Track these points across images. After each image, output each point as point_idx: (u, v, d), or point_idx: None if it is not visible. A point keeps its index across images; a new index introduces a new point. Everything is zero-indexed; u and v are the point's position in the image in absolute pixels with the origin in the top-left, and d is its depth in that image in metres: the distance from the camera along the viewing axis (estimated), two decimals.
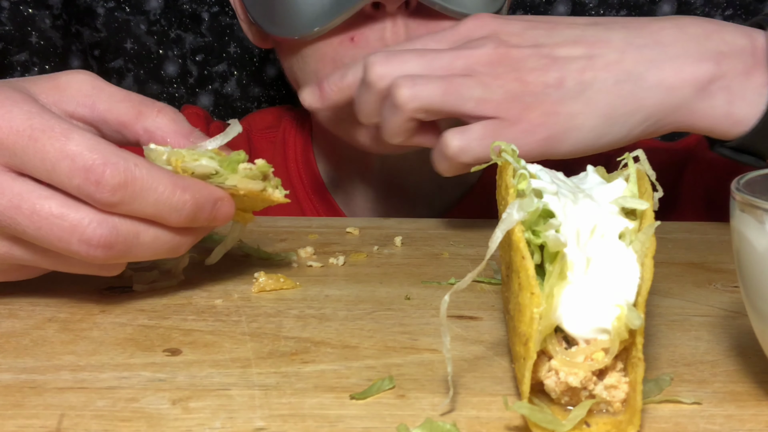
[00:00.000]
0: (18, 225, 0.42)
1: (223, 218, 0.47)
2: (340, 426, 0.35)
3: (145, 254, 0.45)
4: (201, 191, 0.45)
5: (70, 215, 0.42)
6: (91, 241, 0.42)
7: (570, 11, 1.09)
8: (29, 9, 1.08)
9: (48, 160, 0.42)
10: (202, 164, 0.46)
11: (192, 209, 0.45)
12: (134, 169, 0.42)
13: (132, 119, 0.49)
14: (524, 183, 0.39)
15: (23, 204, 0.42)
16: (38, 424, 0.35)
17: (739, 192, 0.35)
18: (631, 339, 0.35)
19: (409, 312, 0.48)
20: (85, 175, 0.41)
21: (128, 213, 0.43)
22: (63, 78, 0.49)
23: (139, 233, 0.44)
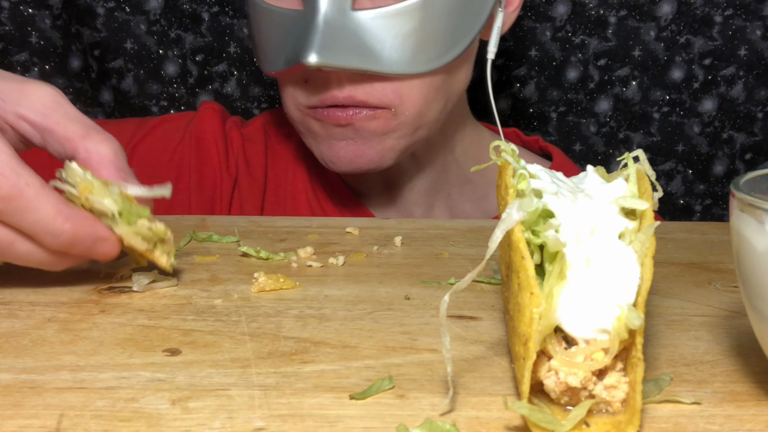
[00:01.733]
0: None
1: (103, 256, 0.49)
2: (340, 426, 0.35)
3: (18, 262, 0.48)
4: (84, 226, 0.47)
5: None
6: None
7: (570, 11, 1.09)
8: (29, 9, 1.08)
9: None
10: (102, 203, 0.48)
11: (69, 239, 0.47)
12: (24, 187, 0.45)
13: (77, 137, 0.50)
14: (524, 183, 0.39)
15: None
16: (38, 424, 0.35)
17: (738, 192, 0.35)
18: (630, 339, 0.35)
19: (408, 312, 0.48)
20: None
21: (8, 223, 0.46)
22: (30, 85, 0.51)
23: (15, 242, 0.47)
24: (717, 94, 1.10)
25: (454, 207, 0.89)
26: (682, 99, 1.11)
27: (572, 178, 0.43)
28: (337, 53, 0.69)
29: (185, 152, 0.88)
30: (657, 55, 1.09)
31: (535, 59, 1.11)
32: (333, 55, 0.69)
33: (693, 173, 1.14)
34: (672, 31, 1.09)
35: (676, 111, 1.11)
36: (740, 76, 1.09)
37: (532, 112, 1.13)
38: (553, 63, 1.11)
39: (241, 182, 0.89)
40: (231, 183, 0.88)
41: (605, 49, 1.10)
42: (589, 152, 1.13)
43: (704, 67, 1.10)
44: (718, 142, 1.12)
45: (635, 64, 1.10)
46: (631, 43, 1.09)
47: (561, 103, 1.12)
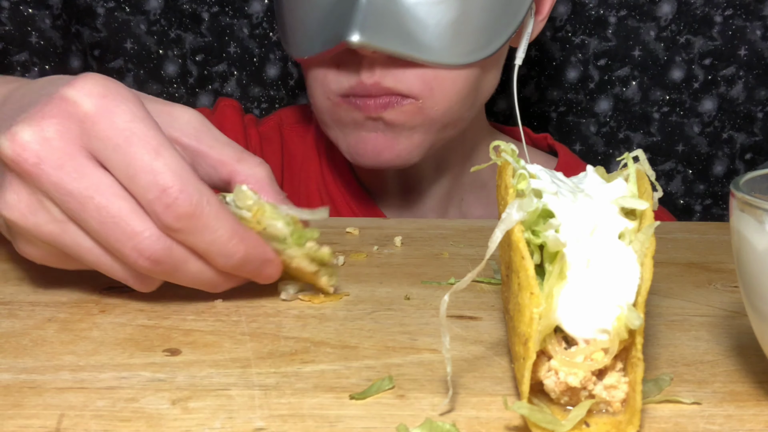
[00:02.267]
0: (84, 213, 0.43)
1: (266, 278, 0.48)
2: (340, 426, 0.35)
3: (186, 281, 0.46)
4: (255, 248, 0.46)
5: (134, 222, 0.43)
6: (144, 252, 0.43)
7: (570, 11, 1.09)
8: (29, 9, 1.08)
9: (132, 167, 0.42)
10: (276, 226, 0.47)
11: (241, 260, 0.46)
12: (204, 206, 0.43)
13: (232, 161, 0.50)
14: (524, 183, 0.39)
15: (97, 196, 0.43)
16: (38, 424, 0.35)
17: (738, 192, 0.35)
18: (630, 339, 0.35)
19: (408, 312, 0.48)
20: (159, 194, 0.42)
21: (184, 242, 0.44)
22: (178, 108, 0.50)
23: (188, 261, 0.45)
24: (717, 94, 1.10)
25: (467, 212, 0.89)
26: (682, 99, 1.11)
27: (572, 178, 0.43)
28: (379, 35, 0.68)
29: None
30: (657, 55, 1.09)
31: (535, 59, 1.11)
32: (375, 36, 0.68)
33: (693, 173, 1.14)
34: (672, 31, 1.09)
35: (676, 111, 1.11)
36: (740, 76, 1.09)
37: (532, 112, 1.13)
38: (553, 63, 1.11)
39: None
40: None
41: (605, 49, 1.10)
42: (589, 152, 1.13)
43: (704, 67, 1.10)
44: (718, 142, 1.12)
45: (635, 64, 1.10)
46: (631, 43, 1.09)
47: (561, 103, 1.12)
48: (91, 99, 0.43)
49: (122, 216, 0.43)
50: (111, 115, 0.43)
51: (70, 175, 0.42)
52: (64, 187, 0.43)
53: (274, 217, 0.47)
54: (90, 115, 0.43)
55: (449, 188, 0.88)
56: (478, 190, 0.89)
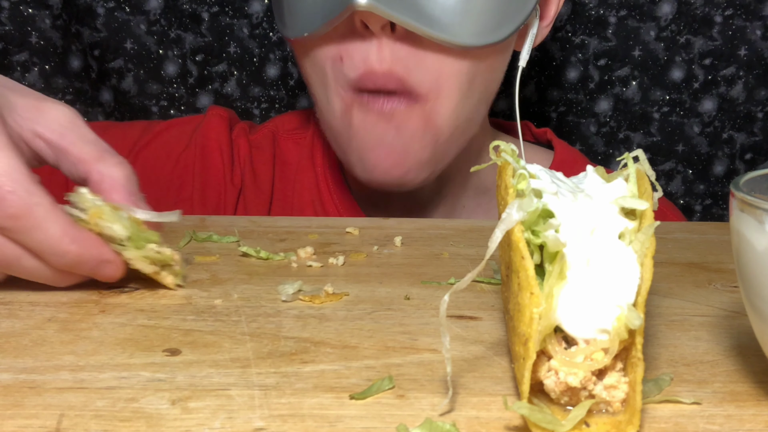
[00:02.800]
0: None
1: (106, 278, 0.50)
2: (340, 426, 0.35)
3: (24, 276, 0.48)
4: (89, 248, 0.48)
5: None
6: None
7: (570, 11, 1.09)
8: (29, 9, 1.08)
9: None
10: (111, 228, 0.49)
11: (73, 260, 0.47)
12: (34, 207, 0.45)
13: (91, 159, 0.51)
14: (524, 183, 0.39)
15: None
16: (38, 424, 0.35)
17: (738, 192, 0.35)
18: (630, 339, 0.35)
19: (408, 312, 0.48)
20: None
21: (15, 240, 0.46)
22: (48, 103, 0.51)
23: (21, 258, 0.47)
24: (717, 94, 1.10)
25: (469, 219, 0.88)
26: (682, 99, 1.11)
27: (572, 178, 0.43)
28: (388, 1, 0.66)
29: (189, 160, 0.87)
30: (657, 55, 1.09)
31: (535, 59, 1.11)
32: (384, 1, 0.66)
33: (693, 173, 1.14)
34: (672, 31, 1.09)
35: (676, 111, 1.11)
36: (740, 76, 1.09)
37: (532, 112, 1.13)
38: (553, 63, 1.11)
39: (247, 192, 0.87)
40: (235, 194, 0.87)
41: (605, 49, 1.10)
42: (589, 152, 1.13)
43: (704, 67, 1.10)
44: (718, 142, 1.12)
45: (635, 64, 1.10)
46: (631, 43, 1.09)
47: (561, 103, 1.12)
48: None
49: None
50: None
51: None
52: None
53: (111, 219, 0.49)
54: None
55: (453, 199, 0.87)
56: (480, 196, 0.88)
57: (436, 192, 0.86)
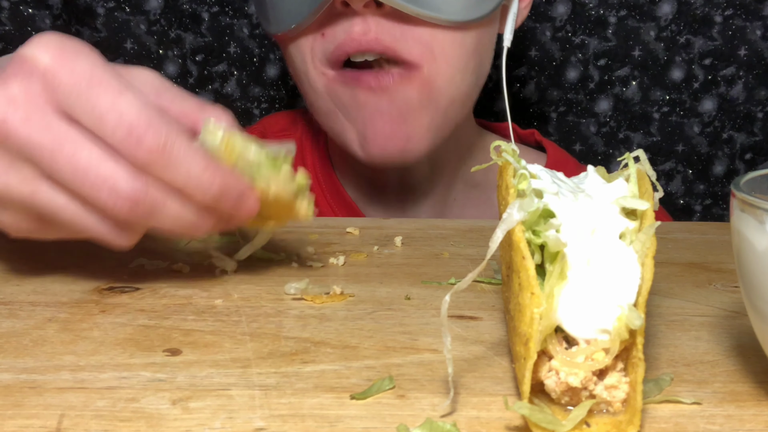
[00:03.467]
0: (56, 164, 0.43)
1: (245, 211, 0.48)
2: (340, 426, 0.35)
3: (166, 223, 0.46)
4: (230, 179, 0.46)
5: (107, 165, 0.43)
6: (121, 192, 0.43)
7: (570, 11, 1.09)
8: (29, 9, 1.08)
9: (98, 110, 0.43)
10: (250, 151, 0.47)
11: (218, 192, 0.46)
12: (174, 139, 0.43)
13: (194, 110, 0.50)
14: (525, 183, 0.39)
15: (66, 146, 0.43)
16: (38, 424, 0.35)
17: (739, 192, 0.35)
18: (631, 339, 0.35)
19: (409, 312, 0.48)
20: (128, 131, 0.43)
21: (161, 177, 0.44)
22: (135, 69, 0.50)
23: (166, 200, 0.45)
24: (717, 94, 1.10)
25: (461, 214, 0.89)
26: (682, 99, 1.11)
27: (573, 178, 0.43)
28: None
29: None
30: (657, 55, 1.09)
31: (535, 59, 1.11)
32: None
33: (693, 173, 1.14)
34: (672, 31, 1.09)
35: (676, 111, 1.11)
36: (740, 76, 1.09)
37: (532, 112, 1.13)
38: (553, 63, 1.11)
39: None
40: None
41: (605, 49, 1.10)
42: (589, 152, 1.13)
43: (704, 67, 1.10)
44: (718, 142, 1.12)
45: (635, 64, 1.10)
46: (631, 43, 1.09)
47: (561, 103, 1.12)
48: (48, 53, 0.43)
49: (93, 161, 0.43)
50: (70, 64, 0.43)
51: (38, 129, 0.43)
52: (33, 141, 0.43)
53: (245, 145, 0.47)
54: (49, 68, 0.43)
55: (444, 190, 0.87)
56: (471, 189, 0.89)
57: (428, 184, 0.86)
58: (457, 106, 0.76)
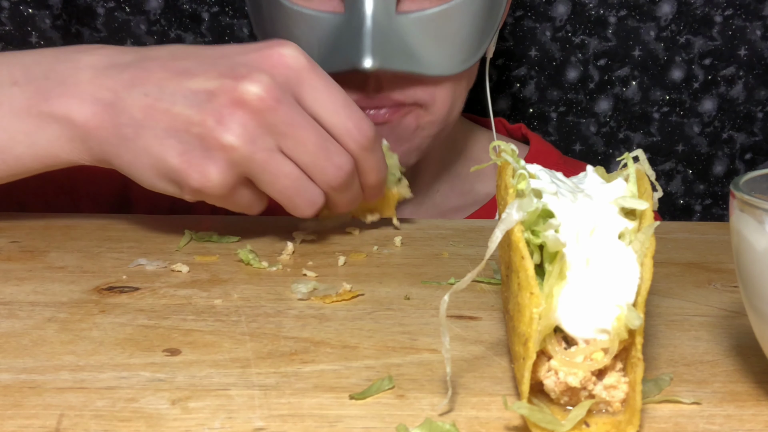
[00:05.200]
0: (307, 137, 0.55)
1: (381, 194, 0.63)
2: (340, 426, 0.35)
3: (347, 196, 0.59)
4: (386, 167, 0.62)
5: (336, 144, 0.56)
6: (343, 167, 0.56)
7: (570, 11, 1.09)
8: (29, 9, 1.08)
9: (338, 103, 0.56)
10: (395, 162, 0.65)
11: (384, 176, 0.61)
12: (377, 133, 0.58)
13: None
14: (523, 183, 0.39)
15: (311, 123, 0.55)
16: (38, 424, 0.35)
17: (738, 192, 0.35)
18: (630, 339, 0.35)
19: (408, 312, 0.48)
20: (358, 122, 0.56)
21: (361, 160, 0.58)
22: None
23: (355, 178, 0.58)
24: (717, 94, 1.10)
25: (442, 203, 0.89)
26: (682, 99, 1.11)
27: (572, 178, 0.43)
28: (389, 57, 0.69)
29: None
30: (657, 55, 1.09)
31: (535, 59, 1.11)
32: (386, 59, 0.69)
33: (693, 173, 1.14)
34: (672, 31, 1.09)
35: (676, 111, 1.11)
36: (740, 76, 1.09)
37: (532, 112, 1.13)
38: (553, 63, 1.11)
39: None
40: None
41: (605, 49, 1.10)
42: (589, 152, 1.13)
43: (704, 67, 1.10)
44: (718, 142, 1.12)
45: (635, 64, 1.10)
46: (631, 43, 1.09)
47: (561, 103, 1.12)
48: (304, 56, 0.56)
49: (329, 139, 0.56)
50: (316, 67, 0.56)
51: (295, 111, 0.54)
52: (291, 119, 0.54)
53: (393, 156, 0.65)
54: (307, 67, 0.56)
55: (428, 182, 0.88)
56: (454, 179, 0.89)
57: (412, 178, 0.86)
58: (448, 128, 0.80)
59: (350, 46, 0.69)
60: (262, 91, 0.53)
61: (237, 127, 0.53)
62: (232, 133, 0.53)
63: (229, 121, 0.53)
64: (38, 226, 0.64)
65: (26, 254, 0.57)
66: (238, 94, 0.53)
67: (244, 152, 0.53)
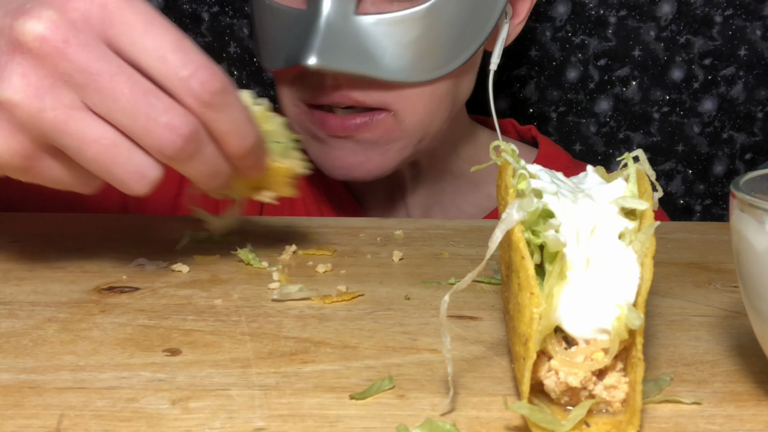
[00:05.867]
0: (114, 92, 0.42)
1: (260, 168, 0.50)
2: (340, 426, 0.35)
3: (199, 167, 0.46)
4: (260, 133, 0.49)
5: (166, 99, 0.43)
6: (177, 128, 0.43)
7: (570, 11, 1.09)
8: None
9: (163, 47, 0.43)
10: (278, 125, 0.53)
11: (253, 143, 0.48)
12: (231, 85, 0.46)
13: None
14: (524, 183, 0.39)
15: (126, 73, 0.43)
16: (38, 424, 0.35)
17: (738, 192, 0.35)
18: (630, 339, 0.35)
19: (408, 312, 0.48)
20: (194, 71, 0.44)
21: (211, 120, 0.45)
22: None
23: (208, 144, 0.46)
24: (717, 94, 1.10)
25: (450, 206, 0.89)
26: (682, 99, 1.11)
27: (572, 178, 0.43)
28: (337, 57, 0.69)
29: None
30: (657, 55, 1.09)
31: (535, 59, 1.11)
32: (333, 59, 0.68)
33: (693, 173, 1.14)
34: (672, 31, 1.09)
35: (676, 111, 1.11)
36: (740, 76, 1.09)
37: (532, 112, 1.13)
38: (553, 63, 1.11)
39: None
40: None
41: (605, 49, 1.10)
42: (589, 152, 1.13)
43: (704, 67, 1.10)
44: (718, 142, 1.12)
45: (635, 64, 1.10)
46: (631, 43, 1.09)
47: (561, 103, 1.12)
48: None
49: (153, 92, 0.43)
50: (132, 2, 0.44)
51: (97, 56, 0.42)
52: (94, 67, 0.42)
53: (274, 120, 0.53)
54: (117, 2, 0.43)
55: (433, 186, 0.88)
56: (460, 183, 0.88)
57: (415, 181, 0.87)
58: (427, 141, 0.78)
59: (301, 41, 0.69)
60: (44, 30, 0.41)
61: (17, 79, 0.42)
62: (10, 86, 0.42)
63: (7, 71, 0.42)
64: (38, 225, 0.64)
65: (26, 254, 0.57)
66: (15, 35, 0.42)
67: (30, 110, 0.42)
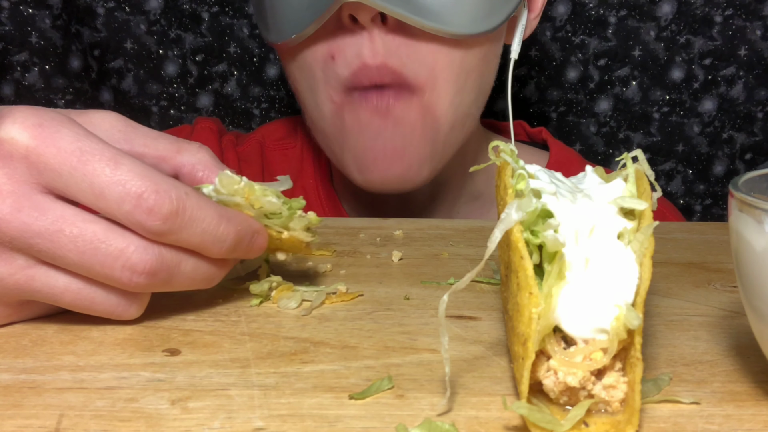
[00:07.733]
0: (59, 249, 0.41)
1: (257, 250, 0.47)
2: (339, 426, 0.35)
3: (183, 284, 0.44)
4: (242, 223, 0.45)
5: (116, 240, 0.41)
6: (136, 267, 0.41)
7: (570, 11, 1.09)
8: (29, 9, 1.08)
9: (97, 185, 0.40)
10: (270, 201, 0.47)
11: (234, 241, 0.44)
12: (185, 198, 0.42)
13: (172, 153, 0.48)
14: (523, 183, 0.39)
15: (67, 227, 0.40)
16: (37, 424, 0.35)
17: (737, 192, 0.35)
18: (629, 339, 0.35)
19: (408, 312, 0.48)
20: (136, 202, 0.40)
21: (174, 242, 0.42)
22: (96, 115, 0.47)
23: (181, 262, 0.43)
24: (717, 94, 1.10)
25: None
26: (682, 99, 1.11)
27: (571, 178, 0.43)
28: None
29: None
30: (657, 55, 1.09)
31: (535, 59, 1.11)
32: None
33: (693, 173, 1.14)
34: (672, 31, 1.09)
35: (676, 111, 1.11)
36: (740, 76, 1.09)
37: (532, 112, 1.13)
38: (553, 63, 1.11)
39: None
40: None
41: (605, 49, 1.10)
42: (589, 152, 1.13)
43: (704, 67, 1.10)
44: (718, 142, 1.12)
45: (635, 64, 1.10)
46: (631, 43, 1.09)
47: (561, 103, 1.12)
48: (27, 131, 0.40)
49: (100, 238, 0.41)
50: (54, 141, 0.40)
51: (32, 216, 0.40)
52: (30, 230, 0.40)
53: (264, 193, 0.47)
54: (32, 148, 0.40)
55: (448, 207, 0.86)
56: (474, 201, 0.87)
57: (431, 199, 0.85)
58: (457, 131, 0.76)
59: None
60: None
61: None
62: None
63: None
64: None
65: None
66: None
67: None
